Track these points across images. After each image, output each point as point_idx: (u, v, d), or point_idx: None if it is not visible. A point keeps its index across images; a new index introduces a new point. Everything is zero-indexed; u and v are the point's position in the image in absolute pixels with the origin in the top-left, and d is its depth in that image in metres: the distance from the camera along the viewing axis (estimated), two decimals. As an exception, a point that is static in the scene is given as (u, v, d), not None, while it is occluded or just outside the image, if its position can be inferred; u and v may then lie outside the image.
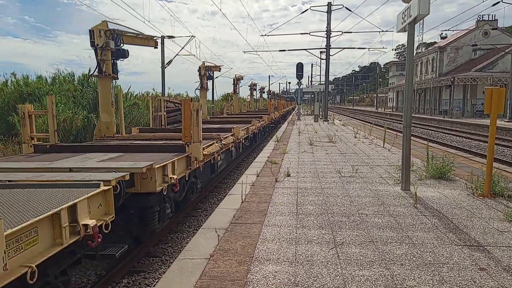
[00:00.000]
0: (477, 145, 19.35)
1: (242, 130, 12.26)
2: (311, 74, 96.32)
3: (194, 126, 7.14)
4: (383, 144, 13.44)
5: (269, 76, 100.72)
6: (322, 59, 34.81)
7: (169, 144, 7.67)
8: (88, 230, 3.73)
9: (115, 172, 4.88)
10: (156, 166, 5.45)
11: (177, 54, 20.91)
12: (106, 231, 4.12)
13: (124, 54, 9.19)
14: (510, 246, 4.13)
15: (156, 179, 5.43)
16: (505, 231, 4.61)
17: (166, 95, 22.37)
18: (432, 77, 51.16)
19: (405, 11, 6.68)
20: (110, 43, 8.71)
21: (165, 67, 20.64)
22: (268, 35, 39.34)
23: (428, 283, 3.31)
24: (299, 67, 31.94)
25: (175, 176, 6.07)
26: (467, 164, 9.48)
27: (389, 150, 12.15)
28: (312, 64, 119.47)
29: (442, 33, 59.54)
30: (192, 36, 20.06)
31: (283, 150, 12.18)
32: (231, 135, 10.98)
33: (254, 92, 39.32)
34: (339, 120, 31.83)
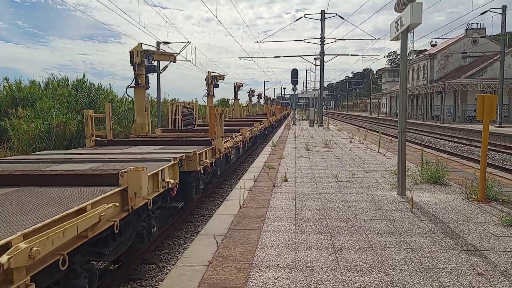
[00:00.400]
0: (469, 150, 19.54)
1: (248, 130, 14.11)
2: (306, 80, 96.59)
3: (218, 126, 9.05)
4: (378, 149, 13.52)
5: (264, 81, 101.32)
6: (317, 65, 35.05)
7: (198, 139, 9.78)
8: (170, 185, 5.67)
9: (175, 154, 6.82)
10: (198, 153, 7.41)
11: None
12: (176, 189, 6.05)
13: (154, 69, 11.30)
14: (506, 251, 4.18)
15: (197, 162, 7.36)
16: (501, 236, 4.65)
17: (161, 100, 22.38)
18: (423, 83, 51.66)
19: (398, 20, 6.77)
20: (145, 61, 10.78)
21: (161, 73, 20.62)
22: (263, 42, 39.55)
23: (427, 288, 3.34)
24: (294, 73, 32.08)
25: (207, 161, 8.09)
26: (461, 169, 9.57)
27: (384, 155, 12.22)
28: (306, 70, 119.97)
29: (432, 41, 60.15)
30: (188, 42, 20.11)
31: (280, 155, 12.20)
32: (240, 135, 12.76)
33: (252, 97, 40.76)
34: (334, 125, 31.96)
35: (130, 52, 10.61)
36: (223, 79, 22.18)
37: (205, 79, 20.57)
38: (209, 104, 20.96)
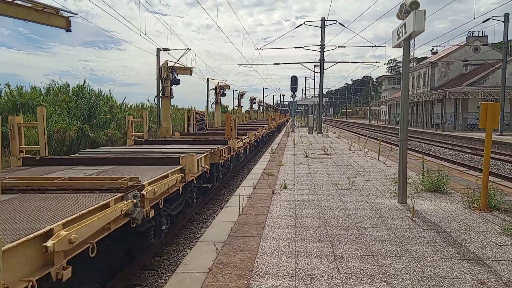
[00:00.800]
0: (470, 158, 19.50)
1: (253, 134, 16.55)
2: (305, 87, 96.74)
3: (233, 129, 11.38)
4: (378, 157, 13.49)
5: (263, 88, 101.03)
6: (316, 72, 35.06)
7: (217, 139, 12.16)
8: (205, 169, 8.15)
9: (205, 149, 8.98)
10: (220, 149, 9.64)
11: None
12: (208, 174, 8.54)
13: (177, 82, 13.37)
14: (509, 260, 4.13)
15: (219, 156, 9.53)
16: (503, 245, 4.61)
17: (161, 106, 22.45)
18: (424, 91, 51.73)
19: (400, 27, 6.77)
20: (170, 75, 12.93)
21: (160, 79, 20.68)
22: (262, 49, 39.44)
23: (430, 298, 3.29)
24: (293, 80, 32.16)
25: (226, 156, 10.41)
26: (462, 177, 9.54)
27: (384, 163, 12.19)
28: (305, 77, 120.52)
29: (433, 49, 60.37)
30: (188, 49, 20.08)
31: (279, 162, 12.17)
32: (247, 137, 14.93)
33: (253, 105, 42.48)
34: (333, 133, 31.96)
35: (159, 68, 12.90)
36: (229, 88, 24.21)
37: (213, 89, 22.97)
38: (216, 110, 23.80)
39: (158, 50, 20.11)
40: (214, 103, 23.02)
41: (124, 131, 17.49)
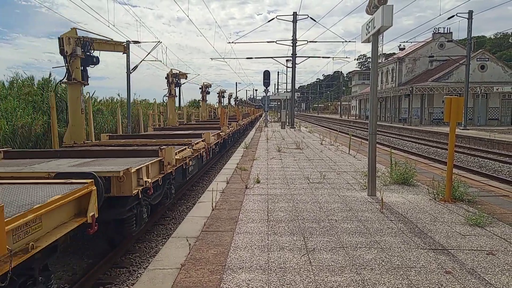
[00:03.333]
0: (435, 152, 20.18)
1: (228, 129, 17.11)
2: (278, 82, 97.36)
3: (225, 119, 14.71)
4: (349, 151, 13.74)
5: (236, 83, 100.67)
6: (288, 67, 35.24)
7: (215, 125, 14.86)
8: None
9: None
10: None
11: (143, 60, 20.59)
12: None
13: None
14: (472, 249, 4.32)
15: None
16: (467, 235, 4.81)
17: (131, 100, 21.96)
18: (392, 86, 52.96)
19: (369, 22, 6.89)
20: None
21: (131, 73, 20.16)
22: (235, 43, 39.44)
23: (398, 287, 3.41)
24: (266, 74, 32.20)
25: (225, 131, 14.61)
26: (428, 170, 9.86)
27: (354, 157, 12.43)
28: (278, 72, 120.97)
29: (400, 45, 61.72)
30: (159, 41, 19.76)
31: (252, 157, 12.20)
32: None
33: (223, 99, 40.35)
34: (305, 127, 32.28)
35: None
36: (186, 78, 21.04)
37: (166, 77, 19.40)
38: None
39: (128, 42, 19.67)
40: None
41: (94, 126, 17.07)
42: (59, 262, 5.74)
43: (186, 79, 20.89)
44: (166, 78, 19.28)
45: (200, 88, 22.47)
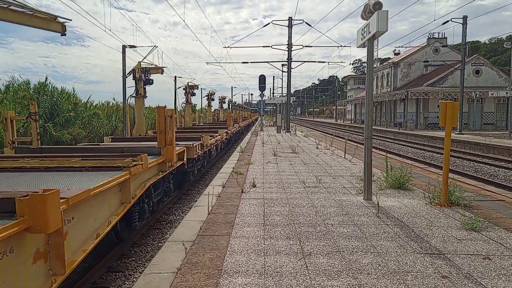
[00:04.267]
0: (431, 156, 20.26)
1: (234, 129, 20.78)
2: (273, 86, 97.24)
3: (232, 121, 19.20)
4: (344, 155, 13.77)
5: (231, 87, 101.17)
6: (284, 71, 35.37)
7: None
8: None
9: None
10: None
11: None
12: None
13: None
14: (469, 254, 4.33)
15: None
16: (463, 239, 4.83)
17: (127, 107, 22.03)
18: (387, 91, 53.24)
19: (365, 27, 6.93)
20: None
21: (126, 77, 20.16)
22: (231, 47, 39.21)
23: (394, 291, 3.40)
24: (262, 79, 32.27)
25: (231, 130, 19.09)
26: (423, 174, 9.89)
27: (350, 161, 12.46)
28: (274, 77, 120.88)
29: (395, 50, 62.09)
30: (154, 46, 19.71)
31: (248, 161, 12.20)
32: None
33: (223, 104, 42.56)
34: (301, 132, 32.32)
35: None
36: (162, 73, 19.46)
37: (184, 89, 22.89)
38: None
39: (124, 47, 19.68)
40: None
41: (90, 130, 17.03)
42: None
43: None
44: (184, 89, 23.07)
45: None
